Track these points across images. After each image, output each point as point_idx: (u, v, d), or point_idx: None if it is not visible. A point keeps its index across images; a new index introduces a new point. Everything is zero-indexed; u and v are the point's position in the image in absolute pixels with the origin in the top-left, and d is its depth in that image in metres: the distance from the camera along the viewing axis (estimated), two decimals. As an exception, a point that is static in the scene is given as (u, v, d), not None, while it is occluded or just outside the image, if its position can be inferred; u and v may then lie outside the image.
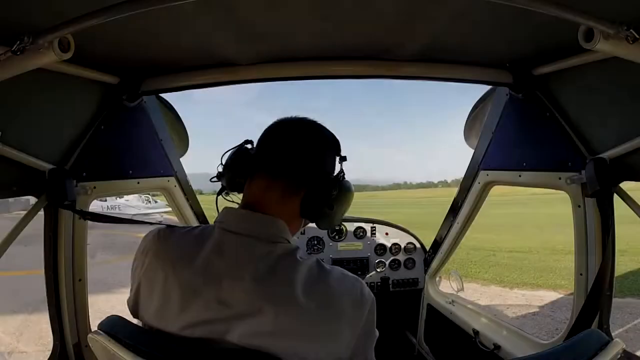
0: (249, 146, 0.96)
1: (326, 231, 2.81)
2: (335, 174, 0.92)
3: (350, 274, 0.84)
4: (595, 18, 0.80)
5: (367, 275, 2.73)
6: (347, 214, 1.09)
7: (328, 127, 0.98)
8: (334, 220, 0.92)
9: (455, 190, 2.31)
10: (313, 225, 0.98)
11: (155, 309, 0.83)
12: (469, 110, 2.11)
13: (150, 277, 0.85)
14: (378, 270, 2.75)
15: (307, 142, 0.91)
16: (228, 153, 0.97)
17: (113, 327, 0.81)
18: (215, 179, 0.99)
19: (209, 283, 0.79)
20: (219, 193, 0.99)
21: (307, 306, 0.75)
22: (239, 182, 0.93)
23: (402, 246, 2.83)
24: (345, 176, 0.93)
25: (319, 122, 0.95)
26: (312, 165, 0.89)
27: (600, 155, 1.39)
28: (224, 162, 0.97)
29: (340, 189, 0.90)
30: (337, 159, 0.94)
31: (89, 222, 1.56)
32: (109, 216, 1.55)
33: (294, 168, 0.87)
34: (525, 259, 10.13)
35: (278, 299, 0.76)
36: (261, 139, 0.94)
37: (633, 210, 1.34)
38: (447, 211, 2.40)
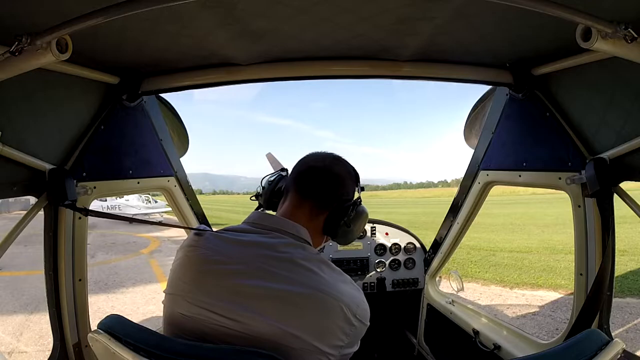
0: (284, 173, 1.26)
1: None
2: (353, 199, 1.09)
3: (360, 291, 0.96)
4: (593, 17, 0.79)
5: (367, 275, 2.73)
6: None
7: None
8: (350, 236, 1.08)
9: (455, 190, 2.31)
10: None
11: (178, 294, 0.91)
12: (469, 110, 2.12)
13: (178, 271, 0.95)
14: (378, 270, 2.75)
15: (332, 172, 1.07)
16: (266, 177, 1.26)
17: (113, 326, 0.82)
18: (254, 198, 1.27)
19: (228, 273, 0.87)
20: (256, 210, 1.17)
21: (314, 304, 0.84)
22: (274, 202, 1.16)
23: (402, 246, 2.82)
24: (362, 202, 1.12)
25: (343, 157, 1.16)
26: (335, 191, 1.06)
27: (600, 155, 1.39)
28: (263, 185, 1.24)
29: (357, 212, 1.07)
30: (357, 188, 1.13)
31: (89, 222, 1.56)
32: (110, 213, 1.55)
33: (321, 192, 1.05)
34: (525, 259, 10.12)
35: (291, 294, 0.84)
36: (295, 168, 1.12)
37: (633, 210, 1.34)
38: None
